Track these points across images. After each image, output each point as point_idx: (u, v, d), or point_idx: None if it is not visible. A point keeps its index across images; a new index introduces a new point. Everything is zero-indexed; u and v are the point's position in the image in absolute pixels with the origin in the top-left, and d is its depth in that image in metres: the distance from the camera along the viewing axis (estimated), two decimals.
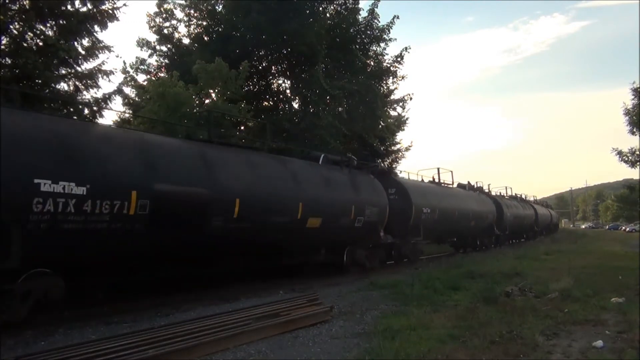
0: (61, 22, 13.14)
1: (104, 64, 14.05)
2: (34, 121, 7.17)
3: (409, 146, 29.74)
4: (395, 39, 32.62)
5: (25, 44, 12.46)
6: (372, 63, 24.13)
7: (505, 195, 32.07)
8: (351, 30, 22.99)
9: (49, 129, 7.20)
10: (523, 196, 37.60)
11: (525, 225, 33.24)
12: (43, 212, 6.54)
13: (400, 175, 18.80)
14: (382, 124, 24.50)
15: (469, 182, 25.68)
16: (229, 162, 9.89)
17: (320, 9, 21.90)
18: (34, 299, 6.72)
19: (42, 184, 6.53)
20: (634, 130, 30.19)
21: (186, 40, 22.77)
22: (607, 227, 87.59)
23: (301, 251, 12.33)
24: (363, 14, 23.57)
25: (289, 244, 11.57)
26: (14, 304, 6.52)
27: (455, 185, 23.21)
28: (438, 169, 21.65)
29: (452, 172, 22.57)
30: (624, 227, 70.89)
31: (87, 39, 13.83)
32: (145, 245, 8.12)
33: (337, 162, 13.94)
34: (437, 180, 21.30)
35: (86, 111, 13.89)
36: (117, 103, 31.81)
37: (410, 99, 27.26)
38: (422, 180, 20.19)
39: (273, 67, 23.39)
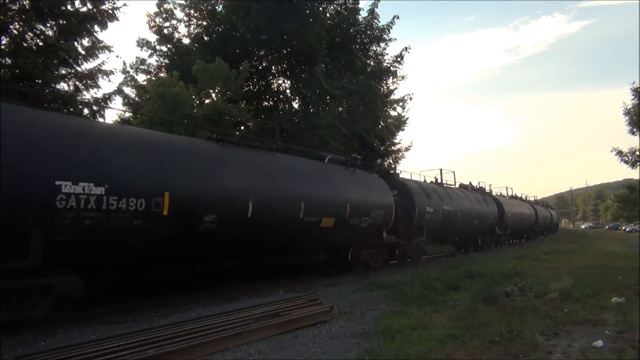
0: (61, 22, 13.13)
1: (104, 64, 14.08)
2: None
3: (409, 146, 29.78)
4: (395, 39, 32.65)
5: (25, 44, 12.46)
6: (372, 63, 24.14)
7: (535, 201, 42.90)
8: (351, 30, 22.99)
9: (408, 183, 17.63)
10: (541, 201, 48.52)
11: (546, 224, 42.69)
12: (416, 215, 16.04)
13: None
14: (382, 124, 24.49)
15: (515, 194, 35.83)
16: (453, 193, 20.48)
17: (320, 9, 21.89)
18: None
19: (427, 207, 16.98)
20: (634, 130, 30.25)
21: (186, 40, 22.80)
22: (607, 227, 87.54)
23: (468, 235, 22.77)
24: (363, 14, 23.63)
25: (466, 231, 21.92)
26: (416, 254, 16.60)
27: (508, 196, 33.00)
28: (507, 187, 33.58)
29: (509, 187, 34.17)
30: (624, 227, 70.83)
31: (87, 39, 13.86)
32: (440, 230, 18.56)
33: (474, 188, 25.17)
34: (507, 194, 32.77)
35: (86, 111, 13.89)
36: (117, 103, 31.74)
37: (410, 99, 27.30)
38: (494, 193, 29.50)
39: (273, 67, 23.40)
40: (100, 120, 12.74)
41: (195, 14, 22.36)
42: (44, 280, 6.77)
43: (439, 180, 21.70)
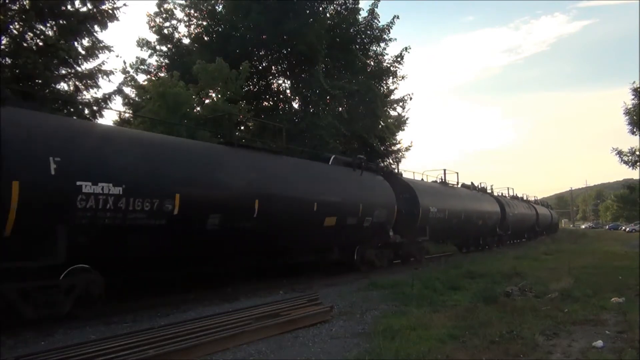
0: (61, 22, 13.11)
1: (104, 64, 14.06)
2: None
3: (409, 146, 29.83)
4: (395, 39, 32.71)
5: (25, 44, 12.45)
6: (372, 63, 24.16)
7: (534, 201, 48.67)
8: (351, 30, 23.01)
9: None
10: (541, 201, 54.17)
11: (554, 224, 51.15)
12: (507, 218, 26.57)
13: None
14: (382, 124, 24.50)
15: (542, 202, 44.38)
16: (521, 203, 32.08)
17: (320, 9, 21.91)
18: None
19: (510, 214, 27.29)
20: (634, 130, 30.17)
21: (186, 40, 22.82)
22: (607, 227, 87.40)
23: (523, 230, 31.94)
24: (363, 14, 23.65)
25: (523, 227, 32.47)
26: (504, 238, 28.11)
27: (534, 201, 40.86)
28: (536, 197, 42.73)
29: (534, 196, 42.81)
30: (624, 227, 70.72)
31: (87, 39, 13.82)
32: (515, 227, 28.99)
33: (522, 199, 33.05)
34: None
35: (86, 111, 13.88)
36: (117, 103, 31.75)
37: (410, 99, 27.31)
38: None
39: (273, 67, 23.41)
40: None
41: (195, 14, 22.37)
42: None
43: (503, 193, 31.17)
